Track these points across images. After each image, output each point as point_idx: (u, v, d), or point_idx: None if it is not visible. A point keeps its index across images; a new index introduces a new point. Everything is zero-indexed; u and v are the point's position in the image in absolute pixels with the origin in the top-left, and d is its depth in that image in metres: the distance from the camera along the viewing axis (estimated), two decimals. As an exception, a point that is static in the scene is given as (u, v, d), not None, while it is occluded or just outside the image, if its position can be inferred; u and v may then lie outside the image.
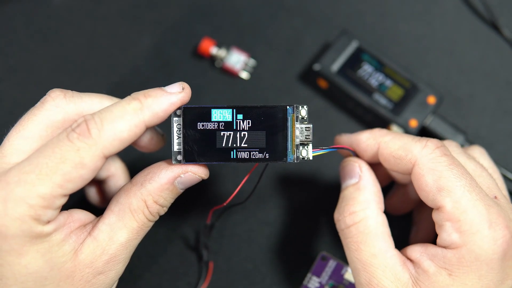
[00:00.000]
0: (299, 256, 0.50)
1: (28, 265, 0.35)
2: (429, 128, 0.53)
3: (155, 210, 0.39)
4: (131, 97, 0.37)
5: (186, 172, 0.38)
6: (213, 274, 0.49)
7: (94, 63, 0.57)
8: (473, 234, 0.36)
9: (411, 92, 0.54)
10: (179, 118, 0.38)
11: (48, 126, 0.38)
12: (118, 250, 0.38)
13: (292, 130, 0.38)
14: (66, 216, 0.37)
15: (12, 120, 0.54)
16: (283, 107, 0.38)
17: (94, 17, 0.59)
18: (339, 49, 0.55)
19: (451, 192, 0.37)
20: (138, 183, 0.38)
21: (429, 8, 0.60)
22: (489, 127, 0.56)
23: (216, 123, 0.38)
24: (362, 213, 0.40)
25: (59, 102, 0.39)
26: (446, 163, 0.38)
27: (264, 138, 0.38)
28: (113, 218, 0.38)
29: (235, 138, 0.38)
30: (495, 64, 0.58)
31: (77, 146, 0.34)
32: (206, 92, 0.56)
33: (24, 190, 0.34)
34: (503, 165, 0.53)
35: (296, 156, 0.38)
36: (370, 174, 0.42)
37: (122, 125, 0.36)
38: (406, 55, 0.58)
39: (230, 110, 0.38)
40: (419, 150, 0.39)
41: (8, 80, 0.56)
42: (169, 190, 0.39)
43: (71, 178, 0.35)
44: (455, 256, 0.37)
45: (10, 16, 0.58)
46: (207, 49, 0.56)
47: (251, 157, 0.38)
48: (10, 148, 0.37)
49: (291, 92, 0.56)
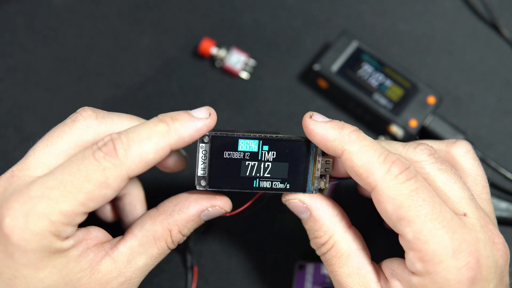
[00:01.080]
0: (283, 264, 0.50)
1: (44, 279, 0.35)
2: (429, 128, 0.53)
3: (177, 239, 0.40)
4: (158, 119, 0.37)
5: (214, 206, 0.40)
6: (209, 276, 0.49)
7: (94, 63, 0.57)
8: (436, 264, 0.35)
9: (411, 92, 0.54)
10: (205, 145, 0.38)
11: (78, 145, 0.38)
12: (135, 273, 0.39)
13: (314, 163, 0.39)
14: (85, 233, 0.38)
15: (13, 120, 0.54)
16: (307, 140, 0.39)
17: (94, 17, 0.59)
18: (339, 49, 0.55)
19: (411, 222, 0.35)
20: (166, 212, 0.39)
21: (429, 8, 0.60)
22: (489, 127, 0.56)
23: (242, 153, 0.39)
24: (331, 240, 0.39)
25: (91, 123, 0.38)
26: (408, 190, 0.36)
27: (287, 169, 0.39)
28: (135, 243, 0.39)
29: (259, 168, 0.39)
30: (495, 64, 0.58)
31: (103, 166, 0.35)
32: (206, 92, 0.56)
33: (47, 206, 0.34)
34: (503, 165, 0.53)
35: (314, 187, 0.39)
36: (316, 201, 0.40)
37: (148, 147, 0.36)
38: (406, 55, 0.58)
39: (256, 141, 0.39)
40: (381, 174, 0.36)
41: (8, 80, 0.56)
42: (194, 222, 0.40)
43: (94, 197, 0.35)
44: (419, 284, 0.36)
45: (10, 16, 0.58)
46: (207, 49, 0.56)
47: (273, 186, 0.39)
48: (36, 162, 0.37)
49: (291, 92, 0.56)
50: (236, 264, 0.50)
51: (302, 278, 0.48)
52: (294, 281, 0.48)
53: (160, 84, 0.56)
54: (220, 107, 0.55)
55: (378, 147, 0.37)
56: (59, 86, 0.56)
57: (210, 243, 0.50)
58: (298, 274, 0.48)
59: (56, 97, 0.56)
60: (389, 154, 0.37)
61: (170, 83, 0.57)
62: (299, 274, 0.48)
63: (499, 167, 0.52)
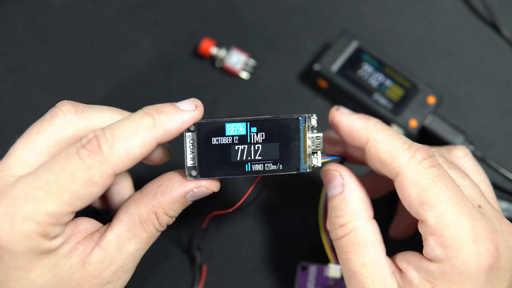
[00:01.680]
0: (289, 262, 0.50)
1: (36, 279, 0.35)
2: (429, 128, 0.53)
3: (164, 221, 0.39)
4: (143, 112, 0.36)
5: (199, 186, 0.38)
6: (209, 276, 0.49)
7: (94, 63, 0.57)
8: (456, 249, 0.35)
9: (411, 92, 0.54)
10: (192, 133, 0.37)
11: (58, 141, 0.37)
12: (126, 260, 0.38)
13: (305, 140, 0.38)
14: (73, 228, 0.37)
15: (13, 120, 0.54)
16: (295, 118, 0.38)
17: (94, 17, 0.59)
18: (339, 49, 0.55)
19: (433, 206, 0.36)
20: (149, 194, 0.38)
21: (429, 8, 0.60)
22: (489, 127, 0.56)
23: (231, 137, 0.38)
24: (351, 224, 0.39)
25: (70, 118, 0.37)
26: (431, 175, 0.36)
27: (278, 149, 0.38)
28: (122, 228, 0.38)
29: (250, 151, 0.38)
30: (495, 64, 0.58)
31: (88, 164, 0.34)
32: (206, 92, 0.56)
33: (32, 207, 0.33)
34: (503, 165, 0.53)
35: (308, 165, 0.39)
36: (353, 182, 0.41)
37: (134, 142, 0.35)
38: (406, 55, 0.58)
39: (244, 124, 0.38)
40: (405, 159, 0.37)
41: (8, 80, 0.56)
42: (180, 203, 0.39)
43: (80, 196, 0.34)
44: (438, 270, 0.36)
45: (10, 16, 0.58)
46: (207, 49, 0.56)
47: (265, 168, 0.38)
48: (16, 161, 0.36)
49: (291, 92, 0.56)
50: (236, 264, 0.50)
51: (304, 279, 0.48)
52: (296, 282, 0.48)
53: (160, 84, 0.56)
54: (220, 107, 0.55)
55: (402, 137, 0.39)
56: (59, 86, 0.56)
57: (211, 243, 0.50)
58: (300, 275, 0.48)
59: (56, 97, 0.55)
60: (413, 143, 0.38)
61: (170, 83, 0.57)
62: (301, 275, 0.48)
63: (499, 167, 0.52)
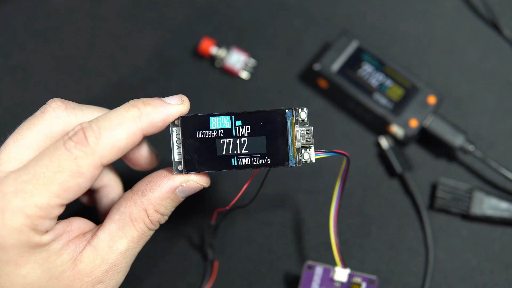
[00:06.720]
0: (296, 258, 0.50)
1: (27, 275, 0.35)
2: (429, 128, 0.53)
3: (155, 219, 0.39)
4: (129, 104, 0.37)
5: (187, 181, 0.38)
6: (218, 273, 0.49)
7: (94, 63, 0.57)
8: None
9: (411, 92, 0.54)
10: (177, 128, 0.37)
11: (48, 137, 0.38)
12: (118, 259, 0.38)
13: (293, 133, 0.37)
14: (65, 225, 0.37)
15: (12, 120, 0.54)
16: (281, 110, 0.37)
17: (94, 16, 0.59)
18: (339, 49, 0.55)
19: None
20: (139, 191, 0.38)
21: (429, 8, 0.60)
22: (489, 127, 0.55)
23: (215, 131, 0.37)
24: None
25: (60, 114, 0.38)
26: None
27: (264, 143, 0.37)
28: (113, 227, 0.38)
29: (235, 145, 0.37)
30: (495, 64, 0.58)
31: (75, 155, 0.34)
32: (206, 92, 0.56)
33: (22, 200, 0.34)
34: (504, 165, 0.52)
35: (298, 160, 0.37)
36: None
37: (120, 132, 0.35)
38: (406, 55, 0.58)
39: (228, 117, 0.37)
40: None
41: (8, 80, 0.56)
42: (170, 199, 0.38)
43: (68, 187, 0.34)
44: None
45: (10, 16, 0.58)
46: (207, 49, 0.56)
47: (252, 163, 0.37)
48: (7, 157, 0.37)
49: (291, 92, 0.56)
50: (236, 264, 0.50)
51: (309, 279, 0.48)
52: (301, 281, 0.48)
53: (160, 84, 0.56)
54: (220, 107, 0.55)
55: None
56: (59, 86, 0.56)
57: (214, 242, 0.50)
58: (306, 274, 0.48)
59: (55, 96, 0.55)
60: None
61: (169, 82, 0.57)
62: (307, 275, 0.48)
63: (500, 167, 0.52)
